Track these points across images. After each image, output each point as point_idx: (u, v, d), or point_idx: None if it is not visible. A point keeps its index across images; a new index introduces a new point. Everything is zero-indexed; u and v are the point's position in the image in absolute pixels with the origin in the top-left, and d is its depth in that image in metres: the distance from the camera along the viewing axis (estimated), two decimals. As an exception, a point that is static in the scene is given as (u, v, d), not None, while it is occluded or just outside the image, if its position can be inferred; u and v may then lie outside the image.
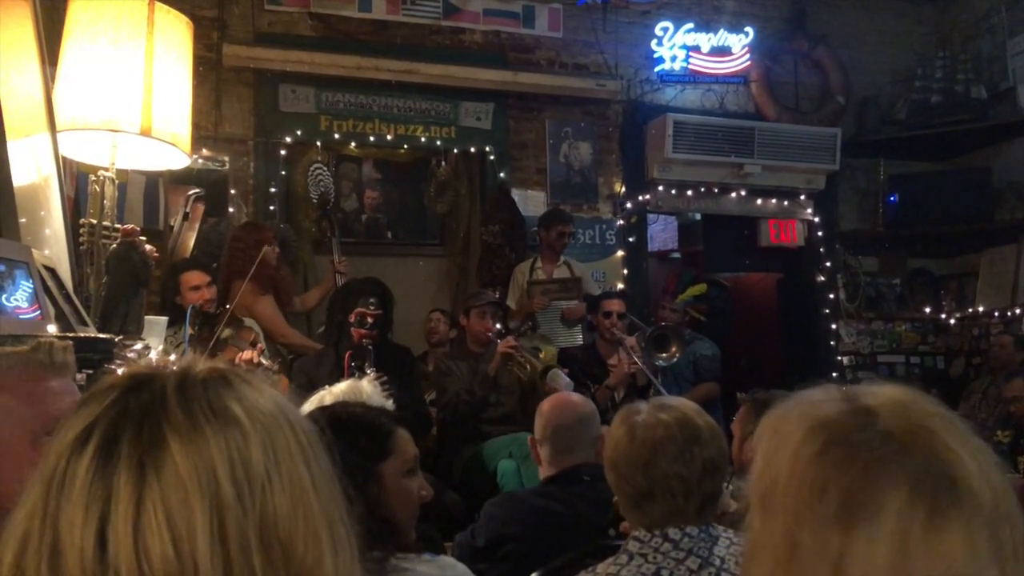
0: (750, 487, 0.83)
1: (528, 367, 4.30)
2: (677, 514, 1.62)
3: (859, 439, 0.75)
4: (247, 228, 4.57)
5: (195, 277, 3.88)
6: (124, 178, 3.53)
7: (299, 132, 5.29)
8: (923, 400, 0.80)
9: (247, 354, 3.62)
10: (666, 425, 1.66)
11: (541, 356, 4.36)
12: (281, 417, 0.71)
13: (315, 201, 5.27)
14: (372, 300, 3.88)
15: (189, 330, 3.41)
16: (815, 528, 0.74)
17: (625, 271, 5.87)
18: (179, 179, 4.67)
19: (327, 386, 2.29)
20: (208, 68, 5.01)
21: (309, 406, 2.16)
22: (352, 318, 3.85)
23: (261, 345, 3.75)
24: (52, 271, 2.28)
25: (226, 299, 4.06)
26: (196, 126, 3.50)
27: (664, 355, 4.61)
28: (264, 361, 3.66)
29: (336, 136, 5.41)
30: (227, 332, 3.78)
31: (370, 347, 3.75)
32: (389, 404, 2.40)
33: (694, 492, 1.61)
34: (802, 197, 6.28)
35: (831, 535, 0.73)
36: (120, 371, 0.74)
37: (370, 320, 3.83)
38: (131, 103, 2.53)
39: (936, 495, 0.72)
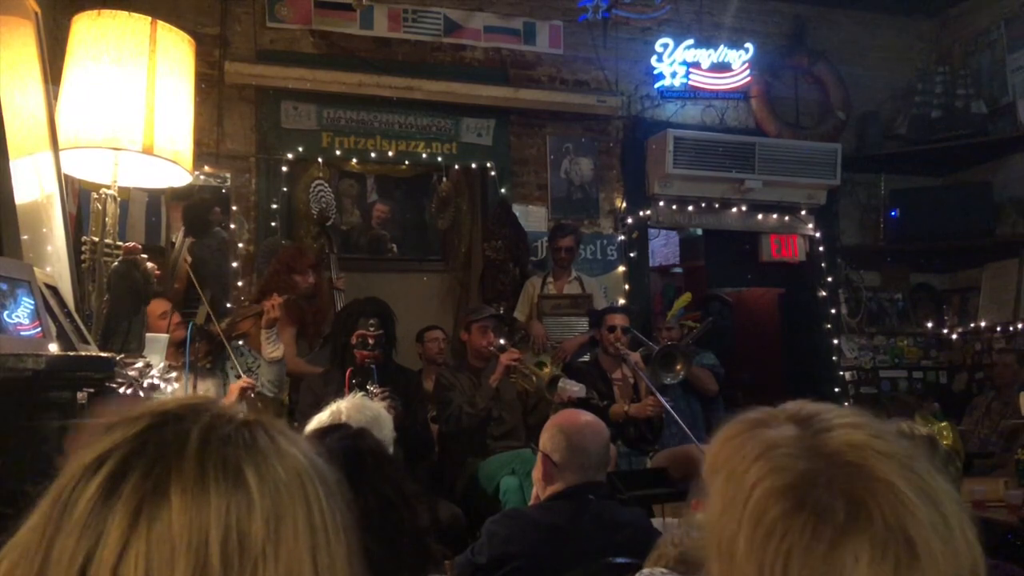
0: (707, 527, 0.83)
1: (534, 378, 4.31)
2: None
3: (823, 504, 0.75)
4: (291, 253, 4.53)
5: (157, 307, 3.78)
6: (126, 196, 3.53)
7: (301, 148, 5.30)
8: (879, 440, 0.79)
9: (242, 382, 3.68)
10: None
11: (546, 369, 4.36)
12: (298, 491, 0.66)
13: (315, 217, 5.28)
14: (372, 321, 3.87)
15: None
16: None
17: (627, 286, 5.87)
18: (181, 195, 4.69)
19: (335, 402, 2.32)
20: (210, 85, 5.03)
21: (316, 422, 2.17)
22: (354, 340, 3.86)
23: (252, 380, 3.79)
24: (54, 289, 2.28)
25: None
26: (198, 143, 3.51)
27: (671, 374, 4.63)
28: (266, 391, 3.72)
29: (338, 152, 5.42)
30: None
31: (372, 367, 3.76)
32: (390, 422, 2.41)
33: None
34: (803, 212, 6.29)
35: None
36: (166, 398, 0.71)
37: (371, 341, 3.84)
38: (133, 121, 2.53)
39: (898, 559, 0.72)
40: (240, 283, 4.98)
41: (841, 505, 0.75)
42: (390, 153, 5.49)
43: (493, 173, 5.67)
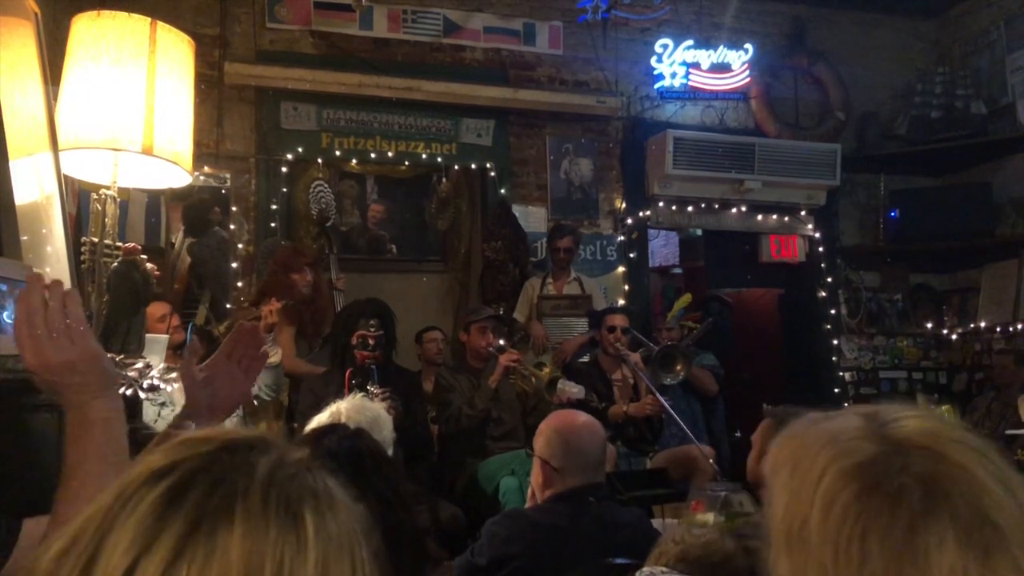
0: (772, 521, 0.81)
1: (533, 379, 4.30)
2: None
3: (897, 486, 0.74)
4: (288, 253, 4.53)
5: (156, 310, 3.80)
6: (126, 196, 3.53)
7: (300, 149, 5.29)
8: (951, 428, 0.78)
9: None
10: None
11: (545, 370, 4.35)
12: (347, 549, 0.66)
13: (315, 217, 5.27)
14: (373, 322, 3.89)
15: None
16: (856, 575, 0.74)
17: (627, 287, 5.87)
18: (180, 196, 4.69)
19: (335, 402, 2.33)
20: (210, 86, 5.03)
21: (315, 423, 2.18)
22: (354, 340, 3.87)
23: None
24: (53, 289, 2.27)
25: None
26: (198, 144, 3.51)
27: (670, 374, 4.63)
28: (263, 395, 3.71)
29: (337, 153, 5.42)
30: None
31: (372, 367, 3.76)
32: (389, 423, 2.41)
33: None
34: (803, 213, 6.29)
35: None
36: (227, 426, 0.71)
37: (371, 342, 3.86)
38: (133, 122, 2.53)
39: (985, 542, 0.71)
40: (240, 283, 4.98)
41: (917, 487, 0.73)
42: (390, 154, 5.49)
43: (493, 173, 5.67)
